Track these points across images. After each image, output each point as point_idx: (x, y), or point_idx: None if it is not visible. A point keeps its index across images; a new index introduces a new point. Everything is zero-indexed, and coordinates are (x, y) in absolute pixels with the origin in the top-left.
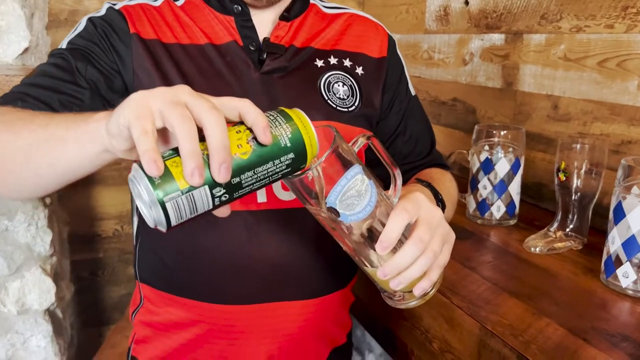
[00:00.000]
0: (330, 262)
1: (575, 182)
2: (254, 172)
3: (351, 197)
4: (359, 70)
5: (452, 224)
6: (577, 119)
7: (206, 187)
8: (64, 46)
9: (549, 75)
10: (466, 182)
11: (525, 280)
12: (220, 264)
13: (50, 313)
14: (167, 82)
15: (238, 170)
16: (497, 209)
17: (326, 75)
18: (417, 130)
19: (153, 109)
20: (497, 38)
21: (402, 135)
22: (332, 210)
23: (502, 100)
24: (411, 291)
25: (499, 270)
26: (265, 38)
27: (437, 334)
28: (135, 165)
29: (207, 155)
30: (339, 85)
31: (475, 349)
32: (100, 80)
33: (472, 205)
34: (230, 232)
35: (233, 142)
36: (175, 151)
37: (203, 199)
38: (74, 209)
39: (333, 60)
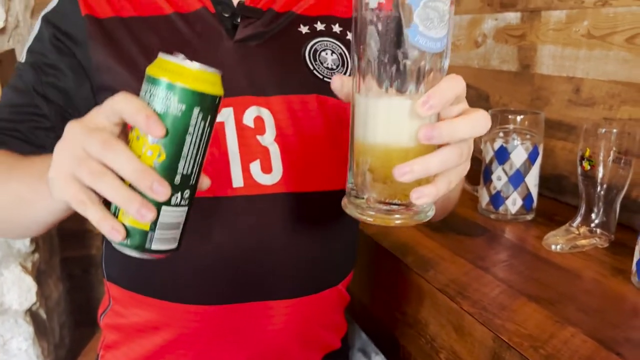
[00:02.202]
0: (319, 254)
1: (602, 172)
2: (184, 160)
3: (434, 11)
4: (351, 36)
5: (463, 218)
6: (603, 103)
7: (163, 207)
8: (23, 58)
9: (571, 55)
10: (478, 173)
11: (545, 282)
12: (190, 258)
13: (32, 313)
14: (129, 64)
15: (170, 172)
16: (513, 203)
17: (312, 43)
18: None
19: (71, 177)
20: (512, 17)
21: None
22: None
23: (518, 85)
24: (388, 201)
25: (516, 271)
26: (240, 1)
27: (445, 344)
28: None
29: None
30: (326, 54)
31: None
32: (60, 98)
33: (485, 199)
34: (203, 222)
35: (143, 154)
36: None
37: (172, 215)
38: None
39: (320, 27)
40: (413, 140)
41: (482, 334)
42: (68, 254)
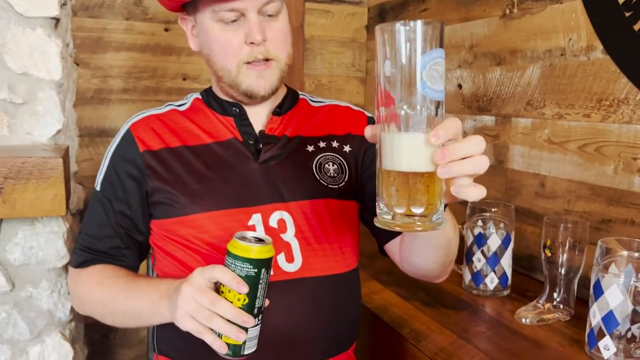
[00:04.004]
0: (334, 327)
1: (561, 258)
2: (258, 299)
3: (435, 72)
4: (347, 148)
5: (450, 293)
6: (562, 197)
7: (249, 329)
8: (98, 188)
9: (536, 155)
10: (462, 255)
11: (515, 352)
12: None
13: None
14: (179, 184)
15: (251, 308)
16: (491, 281)
17: (317, 158)
18: None
19: (191, 318)
20: (488, 119)
21: None
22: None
23: (494, 177)
24: (411, 213)
25: (492, 341)
26: (260, 131)
27: None
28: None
29: None
30: (329, 165)
31: None
32: (128, 223)
33: (467, 277)
34: None
35: (234, 301)
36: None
37: (254, 332)
38: None
39: (322, 144)
40: (428, 164)
41: None
42: (89, 320)
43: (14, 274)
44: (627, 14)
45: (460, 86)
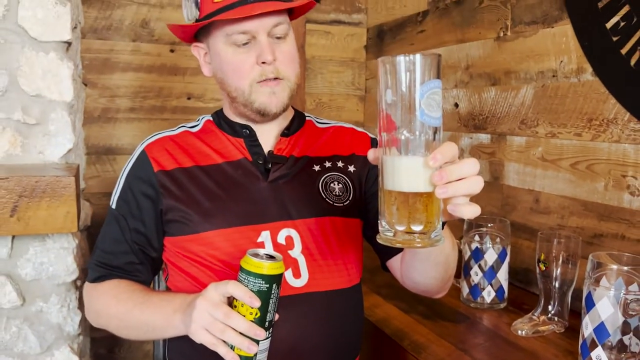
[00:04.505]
0: (339, 339)
1: (555, 271)
2: (269, 313)
3: (433, 100)
4: (351, 168)
5: (449, 306)
6: (556, 213)
7: (260, 342)
8: (113, 206)
9: (530, 172)
10: (459, 267)
11: None
12: None
13: None
14: (192, 203)
15: (262, 322)
16: (488, 294)
17: (323, 177)
18: None
19: (205, 330)
20: (484, 137)
21: None
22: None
23: (490, 193)
24: (411, 231)
25: (489, 352)
26: (269, 151)
27: None
28: None
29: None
30: (334, 184)
31: None
32: (142, 240)
33: (465, 290)
34: None
35: (247, 314)
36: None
37: (265, 344)
38: None
39: (328, 164)
40: (427, 185)
41: None
42: (95, 334)
43: (25, 289)
44: (615, 39)
45: (457, 105)
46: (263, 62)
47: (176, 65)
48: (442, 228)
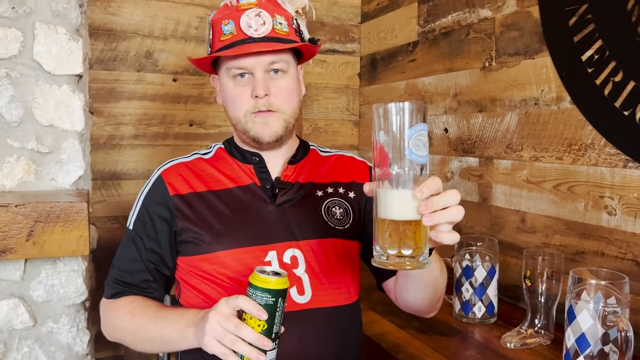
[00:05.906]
0: (339, 353)
1: (540, 287)
2: (276, 325)
3: (419, 141)
4: (352, 194)
5: (442, 321)
6: (541, 231)
7: (268, 352)
8: (130, 227)
9: (516, 194)
10: (451, 284)
11: None
12: None
13: None
14: (204, 221)
15: (269, 333)
16: (479, 309)
17: (325, 202)
18: None
19: (217, 341)
20: (472, 161)
21: None
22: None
23: (479, 213)
24: (401, 254)
25: None
26: (277, 177)
27: None
28: None
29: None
30: (335, 209)
31: None
32: (157, 260)
33: (457, 306)
34: None
35: (255, 326)
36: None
37: (272, 354)
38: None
39: (330, 190)
40: (415, 214)
41: None
42: (100, 355)
43: (36, 310)
44: (590, 70)
45: (446, 130)
46: (256, 96)
47: (179, 93)
48: (430, 254)
